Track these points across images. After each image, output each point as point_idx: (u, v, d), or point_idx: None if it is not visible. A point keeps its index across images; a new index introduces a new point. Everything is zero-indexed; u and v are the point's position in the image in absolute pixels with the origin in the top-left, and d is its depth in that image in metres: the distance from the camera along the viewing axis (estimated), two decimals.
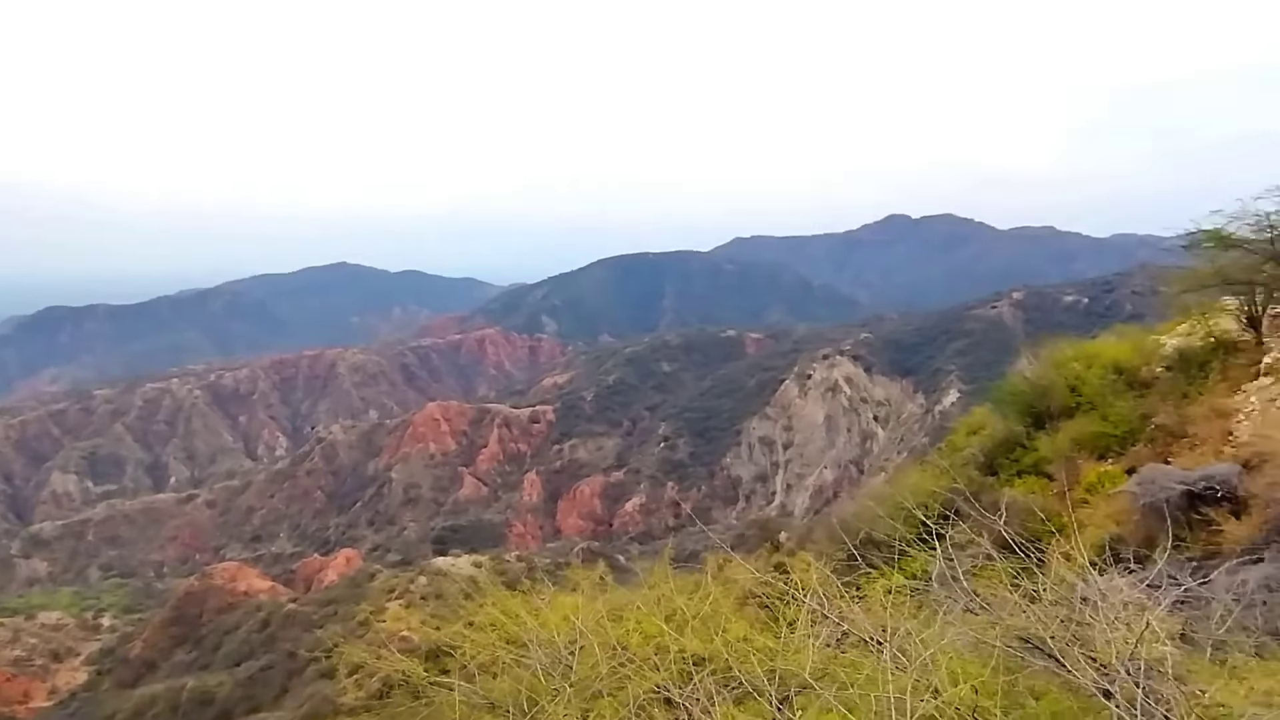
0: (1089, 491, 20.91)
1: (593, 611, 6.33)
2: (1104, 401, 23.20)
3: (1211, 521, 15.12)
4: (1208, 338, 22.88)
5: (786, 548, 39.24)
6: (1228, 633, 7.62)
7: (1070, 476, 22.24)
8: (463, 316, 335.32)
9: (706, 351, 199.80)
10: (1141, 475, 17.66)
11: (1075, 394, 24.96)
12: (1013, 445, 26.28)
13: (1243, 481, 15.66)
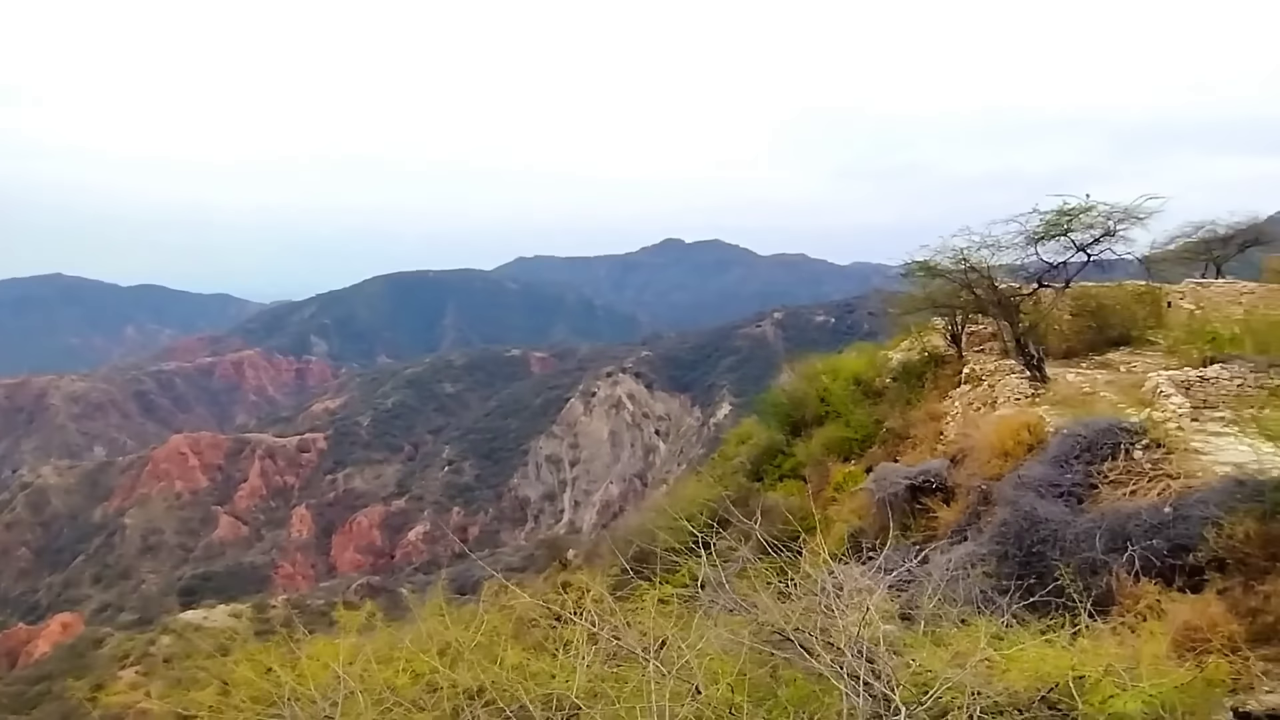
0: (837, 490, 23.49)
1: (358, 656, 5.92)
2: (847, 409, 26.28)
3: (930, 509, 17.67)
4: (923, 353, 26.87)
5: (574, 565, 39.62)
6: (938, 606, 8.92)
7: (821, 478, 24.82)
8: (215, 337, 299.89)
9: (491, 371, 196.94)
10: (876, 473, 20.20)
11: (824, 403, 28.01)
12: (775, 452, 28.83)
13: (950, 474, 18.47)
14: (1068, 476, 14.54)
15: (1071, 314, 24.32)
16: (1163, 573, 11.17)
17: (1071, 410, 17.29)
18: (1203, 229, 28.88)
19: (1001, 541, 13.60)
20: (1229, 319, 21.39)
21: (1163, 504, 12.34)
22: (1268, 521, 10.47)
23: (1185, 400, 16.56)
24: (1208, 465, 13.19)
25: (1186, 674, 5.48)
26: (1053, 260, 20.90)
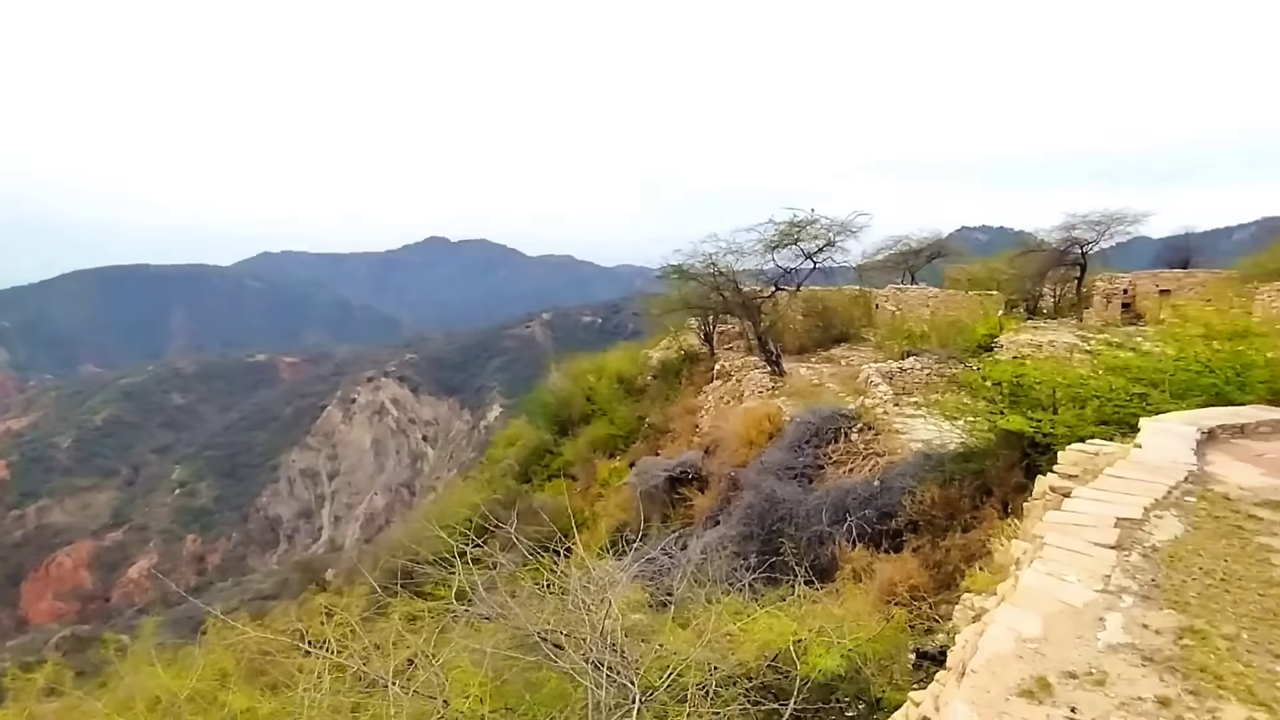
0: (603, 486, 24.22)
1: None
2: (612, 407, 27.21)
3: (687, 498, 18.84)
4: (680, 351, 28.66)
5: (334, 586, 36.69)
6: (690, 589, 9.51)
7: (589, 475, 25.47)
8: None
9: (231, 379, 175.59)
10: (638, 467, 21.15)
11: (590, 402, 28.78)
12: (543, 452, 29.03)
13: (705, 463, 19.87)
14: (800, 459, 16.28)
15: (803, 315, 27.34)
16: (874, 538, 12.80)
17: (804, 400, 19.39)
18: (900, 242, 34.12)
19: (747, 522, 14.85)
20: (920, 319, 25.36)
21: (873, 479, 14.20)
22: (946, 487, 12.29)
23: (889, 388, 19.29)
24: (905, 443, 15.40)
25: (878, 625, 6.40)
26: (787, 266, 23.36)
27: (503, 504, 20.79)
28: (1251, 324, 13.71)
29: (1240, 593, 3.81)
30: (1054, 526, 4.52)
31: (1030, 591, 3.68)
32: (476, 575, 6.31)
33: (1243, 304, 18.84)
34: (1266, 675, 3.04)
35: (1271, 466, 6.50)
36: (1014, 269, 30.95)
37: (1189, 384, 9.86)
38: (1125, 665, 3.06)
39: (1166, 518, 4.81)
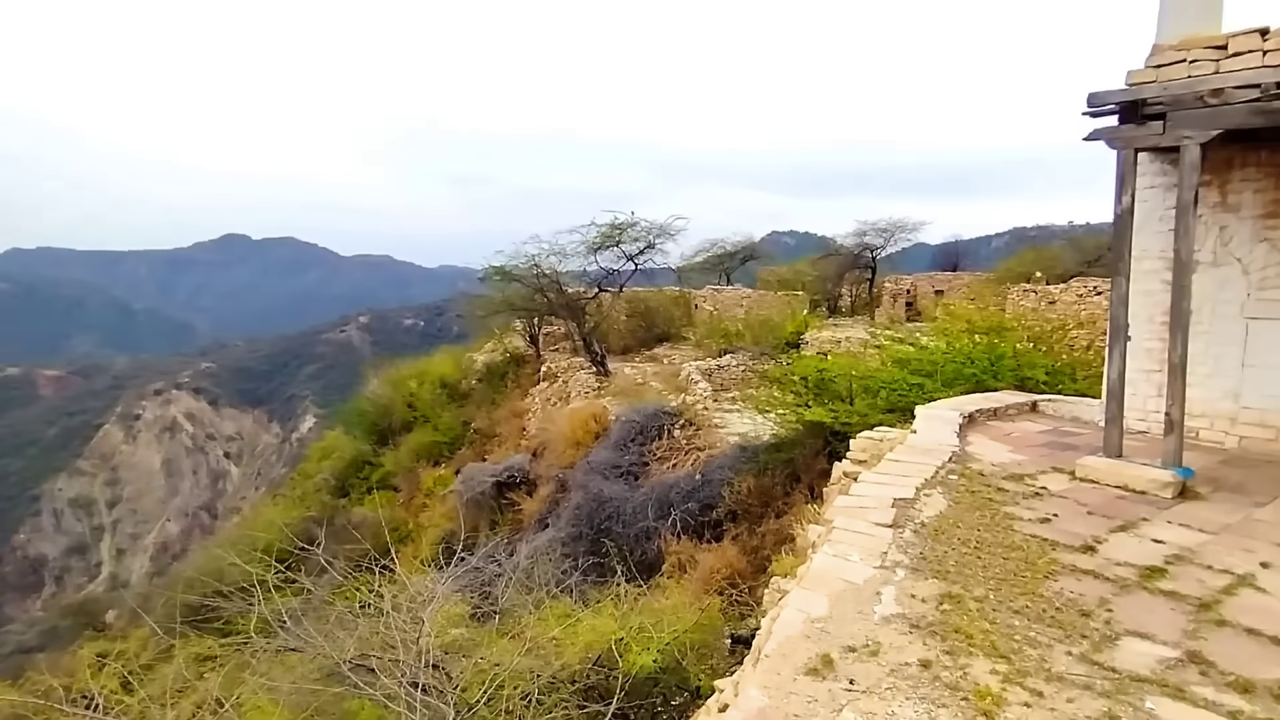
0: (428, 496, 23.36)
1: None
2: (435, 413, 26.30)
3: (516, 503, 18.62)
4: (505, 353, 28.27)
5: (115, 629, 32.41)
6: (518, 595, 9.42)
7: (413, 485, 24.44)
8: None
9: None
10: (464, 474, 20.59)
11: (413, 409, 27.62)
12: (362, 464, 27.45)
13: (533, 467, 19.75)
14: (626, 457, 16.64)
15: (627, 315, 27.98)
16: (697, 529, 13.32)
17: (629, 399, 19.83)
18: (716, 245, 35.92)
19: (576, 523, 14.94)
20: (735, 318, 26.82)
21: (695, 472, 14.79)
22: (761, 476, 13.04)
23: (709, 385, 20.23)
24: (724, 437, 16.20)
25: (694, 615, 6.73)
26: (609, 268, 23.76)
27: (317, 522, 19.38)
28: (1003, 320, 15.89)
29: (989, 558, 4.39)
30: (841, 510, 4.96)
31: (819, 573, 4.02)
32: (284, 603, 5.82)
33: (998, 302, 21.78)
34: (1006, 630, 3.53)
35: (1018, 444, 7.56)
36: (816, 271, 33.65)
37: (956, 373, 11.22)
38: (896, 634, 3.42)
39: (934, 495, 5.44)
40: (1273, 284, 7.44)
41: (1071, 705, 2.92)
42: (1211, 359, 7.76)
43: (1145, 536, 4.92)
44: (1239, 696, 3.06)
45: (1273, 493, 6.09)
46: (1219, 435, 7.81)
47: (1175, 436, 6.05)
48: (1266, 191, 7.41)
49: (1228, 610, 3.85)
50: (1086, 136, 6.20)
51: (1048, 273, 24.66)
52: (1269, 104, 5.30)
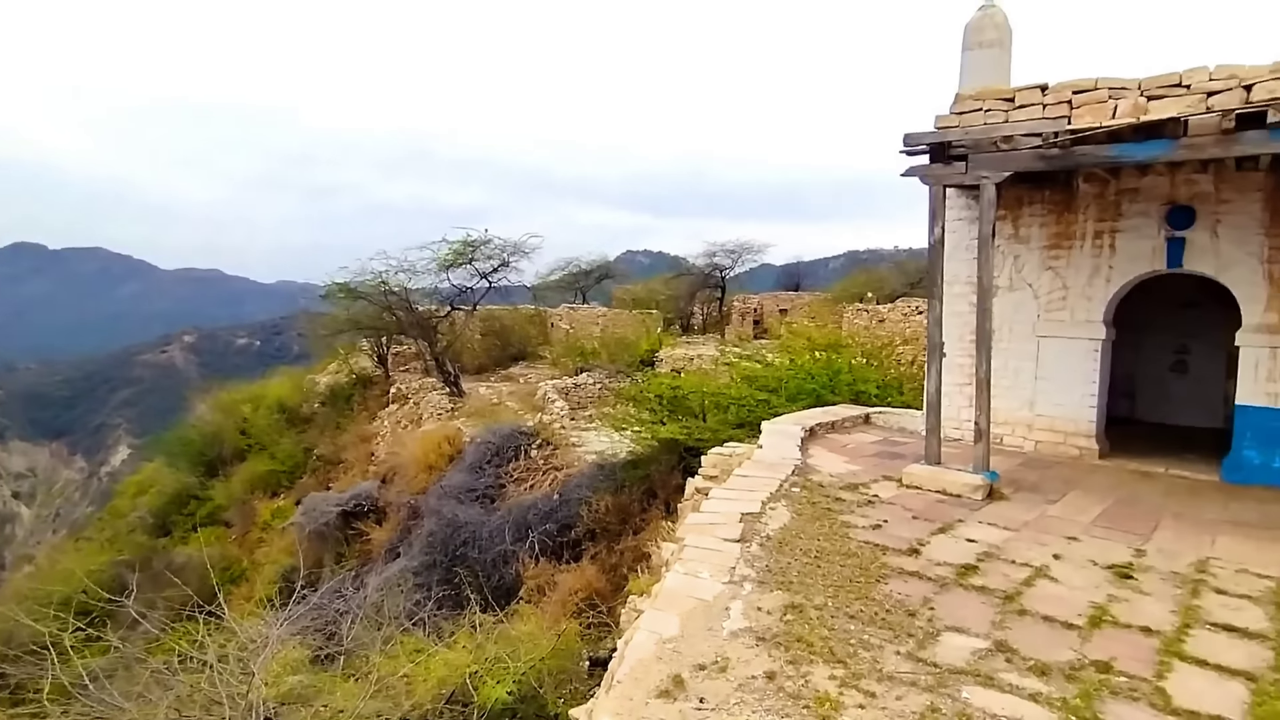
0: (265, 530, 21.61)
1: None
2: (272, 441, 24.46)
3: (364, 532, 17.61)
4: (351, 374, 26.82)
5: None
6: (365, 632, 8.90)
7: (247, 519, 22.53)
8: None
9: None
10: (305, 504, 19.25)
11: (246, 436, 25.54)
12: (187, 498, 24.95)
13: (382, 493, 18.79)
14: (482, 480, 16.21)
15: (481, 334, 27.41)
16: (556, 550, 13.18)
17: (484, 420, 19.38)
18: (571, 264, 36.10)
19: (430, 551, 14.34)
20: (591, 336, 27.01)
21: (552, 493, 14.65)
22: (619, 494, 13.12)
23: (565, 404, 20.17)
24: (581, 455, 16.19)
25: (550, 642, 6.65)
26: (462, 285, 23.21)
27: (131, 566, 17.35)
28: (840, 337, 17.08)
29: (828, 566, 4.66)
30: (692, 527, 5.09)
31: (670, 592, 4.09)
32: (86, 664, 5.10)
33: (835, 321, 23.37)
34: (843, 635, 3.75)
35: (853, 455, 8.11)
36: (670, 290, 34.62)
37: (799, 389, 11.90)
38: (743, 648, 3.55)
39: (779, 508, 5.71)
40: (1057, 306, 8.49)
41: (900, 702, 3.14)
42: (1011, 373, 8.72)
43: (961, 537, 5.42)
44: (1038, 679, 3.42)
45: (1062, 491, 6.92)
46: (1019, 440, 8.77)
47: (983, 444, 6.73)
48: (1049, 226, 8.47)
49: (1028, 600, 4.31)
50: (904, 173, 6.81)
51: (878, 293, 26.76)
52: (1048, 150, 6.07)
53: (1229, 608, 4.31)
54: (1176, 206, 7.69)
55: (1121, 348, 10.09)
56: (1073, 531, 5.66)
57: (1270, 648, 3.82)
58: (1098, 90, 5.86)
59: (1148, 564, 4.99)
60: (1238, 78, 5.36)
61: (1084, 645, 3.78)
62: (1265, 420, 7.38)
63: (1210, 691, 3.38)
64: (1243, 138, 5.38)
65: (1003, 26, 8.64)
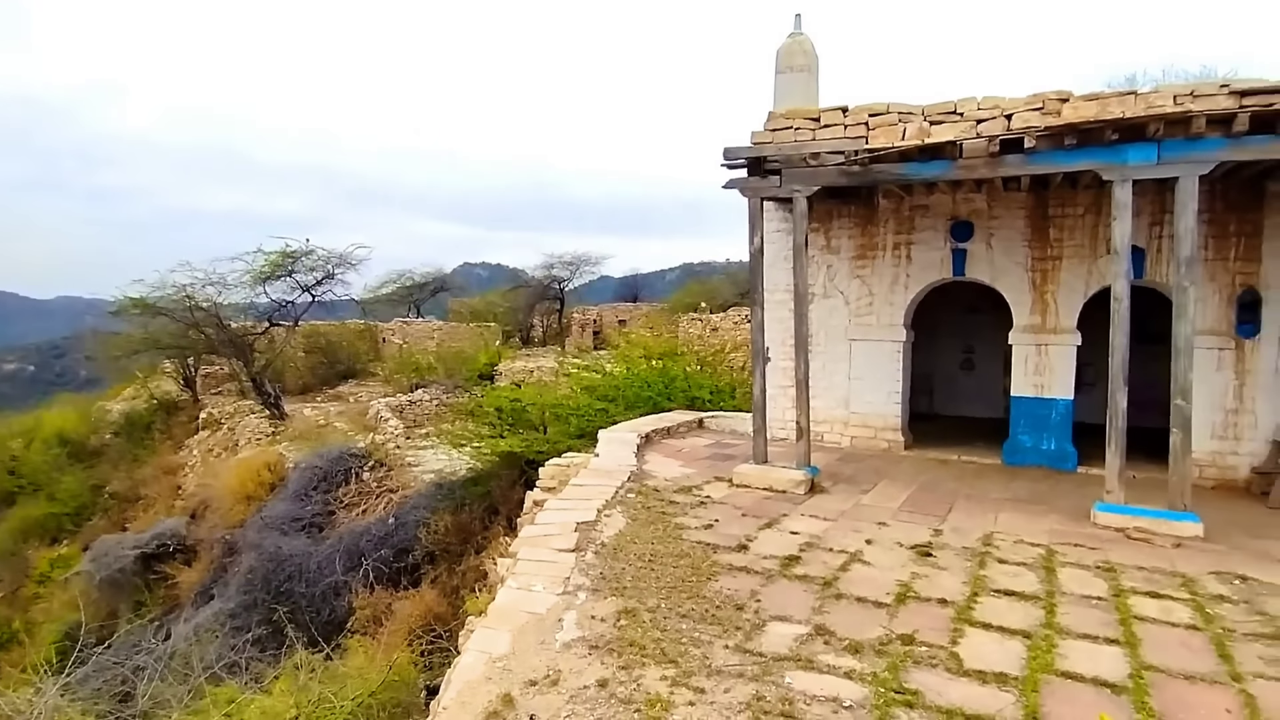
0: (43, 583, 18.78)
1: None
2: (51, 479, 21.36)
3: (169, 575, 15.78)
4: (151, 400, 24.04)
5: None
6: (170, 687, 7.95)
7: (18, 573, 19.50)
8: None
9: None
10: (95, 549, 16.95)
11: (17, 475, 22.15)
12: None
13: (191, 531, 16.95)
14: (308, 508, 15.08)
15: (305, 351, 25.56)
16: (392, 577, 12.50)
17: (309, 443, 18.05)
18: (404, 276, 34.62)
19: (249, 590, 13.11)
20: (427, 351, 26.03)
21: (387, 516, 13.91)
22: (459, 513, 12.69)
23: (400, 422, 19.26)
24: (419, 475, 15.52)
25: (381, 674, 6.29)
26: (282, 299, 21.53)
27: None
28: (675, 346, 17.61)
29: (662, 568, 4.73)
30: (526, 540, 4.99)
31: (502, 609, 3.97)
32: None
33: (671, 330, 24.08)
34: (675, 635, 3.81)
35: (687, 458, 8.34)
36: (508, 302, 34.18)
37: (636, 397, 12.09)
38: (576, 659, 3.50)
39: (614, 515, 5.74)
40: (865, 312, 9.23)
41: (728, 695, 3.23)
42: (828, 374, 9.36)
43: (786, 530, 5.71)
44: (852, 658, 3.65)
45: (874, 481, 7.50)
46: (837, 436, 9.43)
47: (804, 441, 7.15)
48: (856, 238, 9.20)
49: (843, 585, 4.60)
50: (724, 185, 7.13)
51: (711, 303, 27.93)
52: (850, 167, 6.59)
53: (1009, 575, 4.84)
54: (958, 221, 8.63)
55: (921, 349, 11.14)
56: (883, 518, 6.14)
57: (1042, 607, 4.33)
58: (889, 114, 6.44)
59: (944, 542, 5.51)
60: (1000, 107, 6.09)
61: (892, 621, 4.09)
62: (1033, 408, 8.43)
63: (995, 651, 3.76)
64: (1005, 160, 6.12)
65: (810, 53, 9.30)
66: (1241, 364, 7.59)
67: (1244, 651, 3.81)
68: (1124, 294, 5.91)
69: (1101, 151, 5.88)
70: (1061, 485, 7.48)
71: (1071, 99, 5.84)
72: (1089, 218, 8.02)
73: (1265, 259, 7.44)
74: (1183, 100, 5.46)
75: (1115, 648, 3.82)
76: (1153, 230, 7.75)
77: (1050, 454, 8.39)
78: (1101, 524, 5.96)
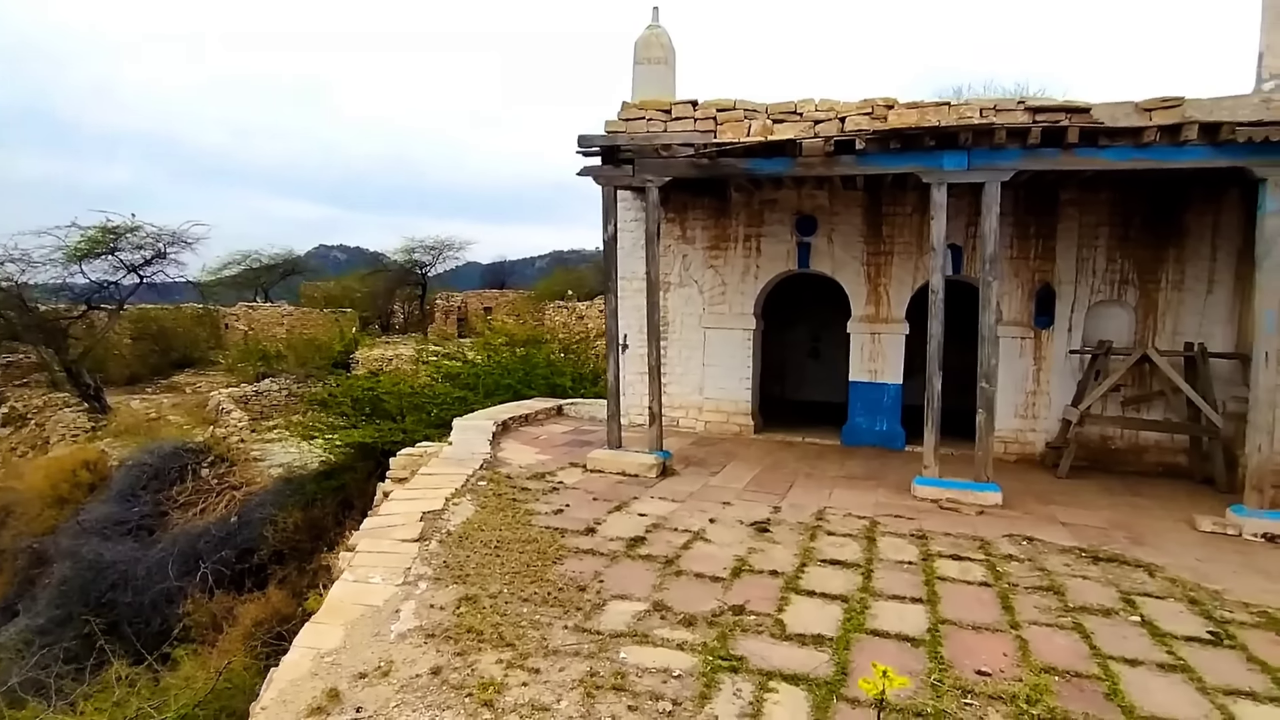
0: None
1: None
2: None
3: None
4: None
5: None
6: None
7: None
8: None
9: None
10: None
11: None
12: None
13: None
14: (135, 510, 13.81)
15: (133, 338, 23.31)
16: (235, 580, 11.73)
17: (137, 439, 16.52)
18: (250, 258, 32.20)
19: (63, 603, 11.87)
20: (276, 338, 24.43)
21: (229, 515, 13.02)
22: (310, 508, 12.09)
23: (245, 414, 18.01)
24: (265, 470, 14.61)
25: (210, 682, 5.90)
26: (103, 280, 19.50)
27: None
28: (540, 333, 17.52)
29: (507, 555, 4.73)
30: (368, 532, 4.84)
31: (335, 603, 3.84)
32: None
33: (537, 317, 23.93)
34: (515, 619, 3.84)
35: (544, 445, 8.36)
36: (367, 287, 32.64)
37: (496, 384, 11.96)
38: (410, 648, 3.45)
39: (463, 503, 5.67)
40: (718, 301, 9.58)
41: (562, 673, 3.29)
42: (684, 361, 9.66)
43: (634, 512, 5.86)
44: (685, 630, 3.82)
45: (723, 463, 7.83)
46: (692, 421, 9.75)
47: (656, 426, 7.35)
48: (710, 229, 9.52)
49: (684, 562, 4.80)
50: (579, 172, 7.17)
51: (578, 290, 27.97)
52: (700, 160, 6.81)
53: (835, 545, 5.23)
54: (803, 216, 9.13)
55: (774, 337, 11.71)
56: (728, 497, 6.44)
57: (860, 574, 4.70)
58: (736, 110, 6.71)
59: (781, 518, 5.85)
60: (835, 110, 6.50)
61: (726, 594, 4.31)
62: (867, 393, 9.09)
63: (815, 615, 4.05)
64: (840, 160, 6.54)
65: (667, 46, 9.50)
66: (1039, 351, 8.54)
67: (1023, 603, 4.33)
68: (939, 287, 6.49)
69: (922, 156, 6.41)
70: (891, 462, 8.14)
71: (896, 106, 6.33)
72: (916, 217, 8.72)
73: (1059, 258, 8.39)
74: (987, 113, 6.05)
75: (919, 606, 4.22)
76: (969, 230, 8.54)
77: (883, 434, 9.09)
78: (919, 496, 6.55)
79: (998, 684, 3.34)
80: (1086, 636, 3.91)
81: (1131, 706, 3.21)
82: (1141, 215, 8.12)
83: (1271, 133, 5.59)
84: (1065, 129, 5.92)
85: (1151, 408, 8.15)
